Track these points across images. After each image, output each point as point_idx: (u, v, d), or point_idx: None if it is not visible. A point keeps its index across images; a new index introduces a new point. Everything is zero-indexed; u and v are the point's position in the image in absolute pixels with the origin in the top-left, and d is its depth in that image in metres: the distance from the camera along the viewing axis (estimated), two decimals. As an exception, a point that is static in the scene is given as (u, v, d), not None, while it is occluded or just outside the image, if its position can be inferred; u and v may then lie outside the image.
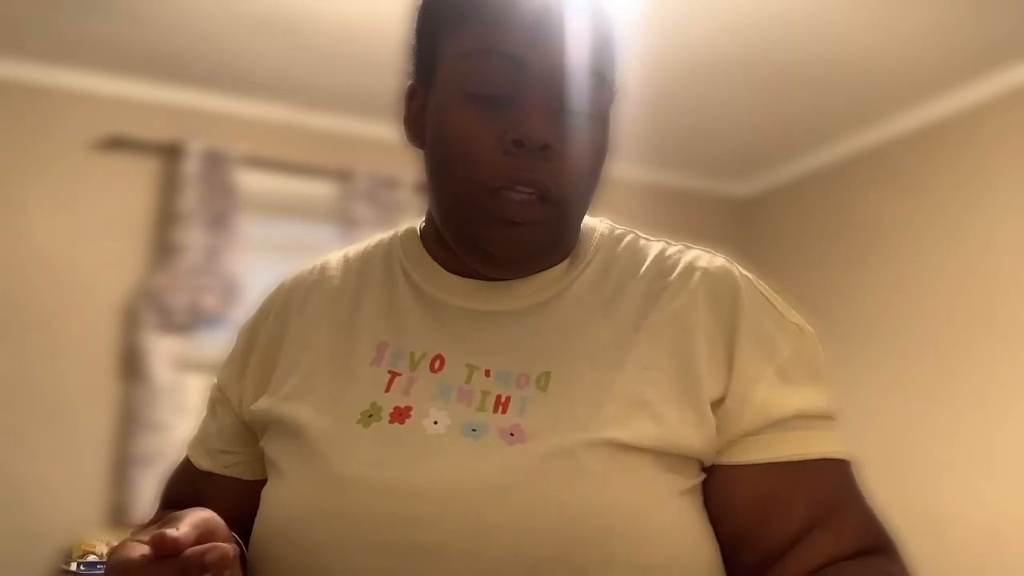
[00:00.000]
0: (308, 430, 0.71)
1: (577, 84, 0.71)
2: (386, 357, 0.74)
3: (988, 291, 2.96)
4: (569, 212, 0.73)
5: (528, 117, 0.69)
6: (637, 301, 0.74)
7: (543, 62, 0.69)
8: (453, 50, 0.72)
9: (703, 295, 0.73)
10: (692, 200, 4.00)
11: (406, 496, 0.65)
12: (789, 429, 0.70)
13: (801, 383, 0.72)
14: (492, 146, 0.69)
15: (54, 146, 3.06)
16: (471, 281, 0.77)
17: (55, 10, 2.68)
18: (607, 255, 0.79)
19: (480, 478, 0.64)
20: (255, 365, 0.81)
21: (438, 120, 0.73)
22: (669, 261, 0.77)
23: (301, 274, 0.86)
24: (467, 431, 0.68)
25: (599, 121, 0.73)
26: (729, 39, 2.76)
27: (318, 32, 2.77)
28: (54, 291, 2.99)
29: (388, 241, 0.85)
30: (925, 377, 3.13)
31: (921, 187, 3.26)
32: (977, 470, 2.90)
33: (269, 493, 0.73)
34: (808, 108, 3.28)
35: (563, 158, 0.70)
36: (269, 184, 3.28)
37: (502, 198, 0.69)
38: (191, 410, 3.05)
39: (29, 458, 2.88)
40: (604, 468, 0.65)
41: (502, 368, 0.71)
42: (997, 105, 3.00)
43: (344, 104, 3.30)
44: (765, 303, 0.75)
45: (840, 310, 3.51)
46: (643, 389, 0.69)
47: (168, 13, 2.69)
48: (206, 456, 0.84)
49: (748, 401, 0.70)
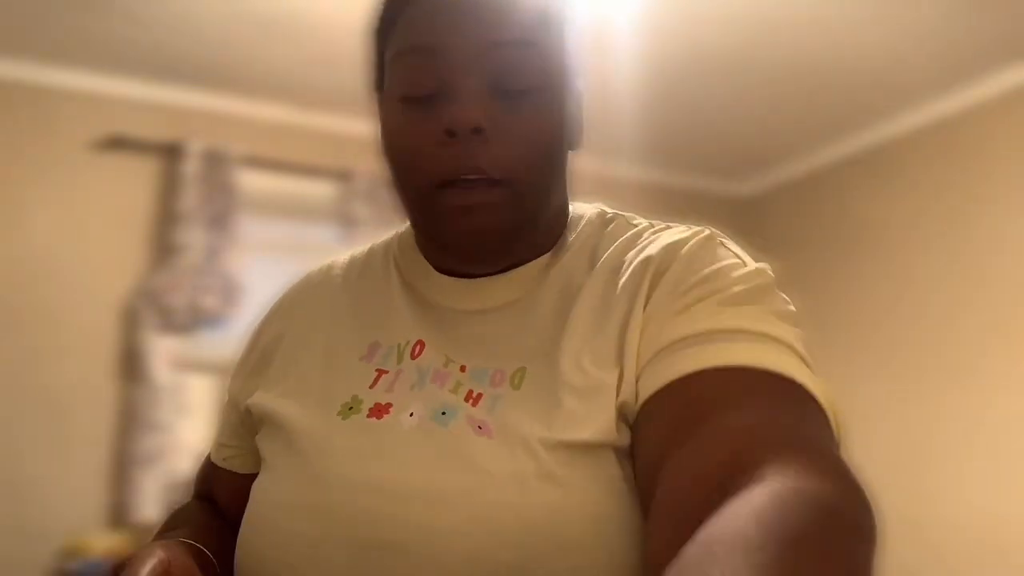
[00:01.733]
0: (292, 425, 0.72)
1: (503, 59, 0.67)
2: (376, 356, 0.75)
3: (988, 291, 2.96)
4: (523, 191, 0.69)
5: (454, 104, 0.67)
6: (599, 286, 0.70)
7: (463, 46, 0.67)
8: (388, 55, 0.72)
9: (658, 256, 0.68)
10: (692, 200, 4.00)
11: (374, 492, 0.64)
12: (688, 346, 0.60)
13: (740, 306, 0.62)
14: (431, 142, 0.67)
15: (54, 146, 3.06)
16: (457, 280, 0.76)
17: (55, 10, 2.68)
18: (589, 241, 0.76)
19: (444, 478, 0.63)
20: (256, 362, 0.83)
21: (384, 129, 0.72)
22: (642, 240, 0.73)
23: (310, 274, 0.88)
24: (437, 415, 0.67)
25: (542, 93, 0.69)
26: (729, 39, 2.76)
27: (318, 32, 2.77)
28: (54, 291, 3.00)
29: (389, 239, 0.86)
30: (925, 376, 3.13)
31: (921, 187, 3.26)
32: (978, 469, 2.90)
33: (257, 486, 0.73)
34: (808, 108, 3.28)
35: (502, 140, 0.67)
36: (269, 184, 3.28)
37: (451, 190, 0.67)
38: (191, 410, 3.06)
39: (29, 458, 2.88)
40: (567, 473, 0.61)
41: (478, 366, 0.70)
42: (997, 105, 3.00)
43: (344, 104, 3.30)
44: (715, 249, 0.69)
45: (840, 309, 3.51)
46: (595, 372, 0.64)
47: (168, 13, 2.69)
48: (215, 449, 0.89)
49: (646, 332, 0.64)
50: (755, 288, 0.64)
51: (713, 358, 0.58)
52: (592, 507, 0.60)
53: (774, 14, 2.62)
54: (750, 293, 0.63)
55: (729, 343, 0.58)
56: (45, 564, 2.77)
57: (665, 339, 0.61)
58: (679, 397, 0.57)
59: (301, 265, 0.93)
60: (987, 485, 2.86)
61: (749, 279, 0.64)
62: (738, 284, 0.64)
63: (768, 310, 0.62)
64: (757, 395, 0.55)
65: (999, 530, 2.79)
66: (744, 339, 0.59)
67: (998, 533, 2.79)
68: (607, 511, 0.60)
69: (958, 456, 2.96)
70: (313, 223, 3.37)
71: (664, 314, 0.63)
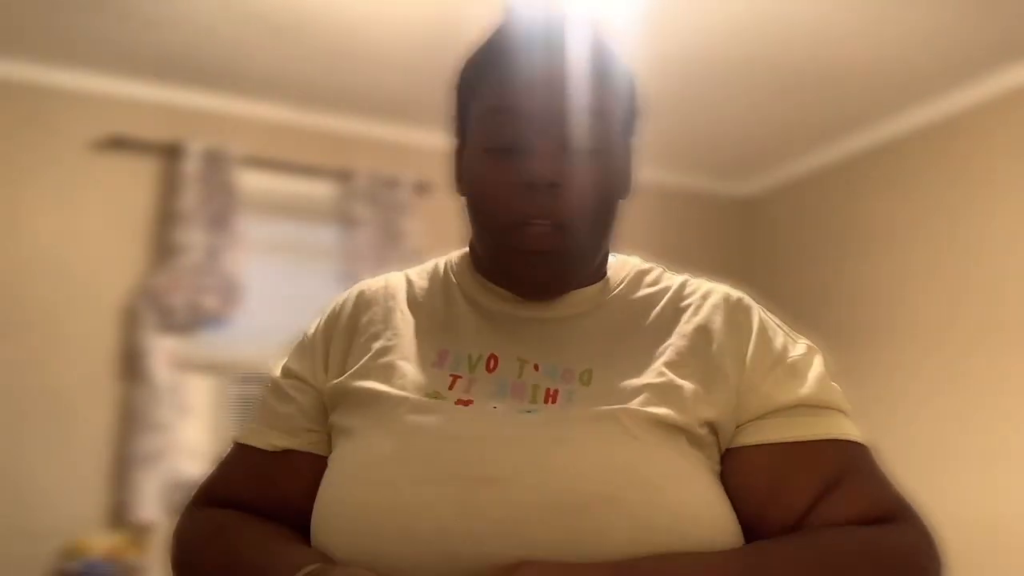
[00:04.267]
0: (383, 397, 0.81)
1: (577, 125, 0.81)
2: (448, 361, 0.85)
3: (988, 290, 2.96)
4: (584, 238, 0.83)
5: (533, 160, 0.80)
6: (666, 318, 0.86)
7: (543, 111, 0.81)
8: (475, 111, 0.86)
9: (723, 311, 0.85)
10: (692, 200, 4.00)
11: (474, 440, 0.75)
12: (797, 414, 0.79)
13: (810, 381, 0.81)
14: (510, 191, 0.81)
15: (54, 146, 3.06)
16: (519, 298, 0.88)
17: (55, 10, 2.68)
18: (637, 280, 0.91)
19: (537, 430, 0.76)
20: (335, 352, 0.89)
21: (469, 174, 0.86)
22: (690, 287, 0.89)
23: (368, 282, 0.96)
24: (522, 412, 0.79)
25: (606, 155, 0.83)
26: (729, 40, 2.76)
27: (318, 32, 2.77)
28: (54, 291, 2.99)
29: (443, 266, 0.96)
30: (925, 376, 3.13)
31: (921, 187, 3.27)
32: (977, 468, 2.90)
33: (340, 452, 0.82)
34: (808, 108, 3.28)
35: (571, 192, 0.81)
36: (269, 184, 3.28)
37: (523, 232, 0.81)
38: (191, 410, 3.06)
39: (29, 458, 2.88)
40: (645, 433, 0.75)
41: (548, 363, 0.83)
42: (997, 105, 3.00)
43: (344, 104, 3.30)
44: (775, 325, 0.87)
45: (839, 309, 3.51)
46: (674, 379, 0.79)
47: (168, 13, 2.69)
48: (285, 436, 0.88)
49: (756, 391, 0.80)
50: (827, 370, 0.84)
51: (825, 428, 0.79)
52: (663, 457, 0.75)
53: (774, 16, 2.62)
54: (824, 374, 0.83)
55: (834, 418, 0.80)
56: (45, 564, 2.77)
57: (772, 403, 0.79)
58: (811, 458, 0.78)
59: (301, 265, 0.95)
60: (985, 485, 2.85)
61: (821, 362, 0.84)
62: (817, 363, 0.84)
63: (837, 389, 0.83)
64: (865, 461, 0.80)
65: (998, 531, 2.79)
66: (837, 415, 0.80)
67: (998, 534, 2.79)
68: (676, 464, 0.75)
69: (958, 456, 2.96)
70: (313, 223, 3.37)
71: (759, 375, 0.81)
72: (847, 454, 0.79)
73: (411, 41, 2.76)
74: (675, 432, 0.76)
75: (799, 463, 0.77)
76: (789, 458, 0.77)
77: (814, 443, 0.78)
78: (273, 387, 0.92)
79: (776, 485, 0.77)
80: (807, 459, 0.77)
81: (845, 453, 0.79)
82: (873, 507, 0.77)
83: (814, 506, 0.76)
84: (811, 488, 0.77)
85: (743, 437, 0.79)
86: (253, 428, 0.91)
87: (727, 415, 0.79)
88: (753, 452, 0.78)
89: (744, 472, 0.78)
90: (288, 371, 0.92)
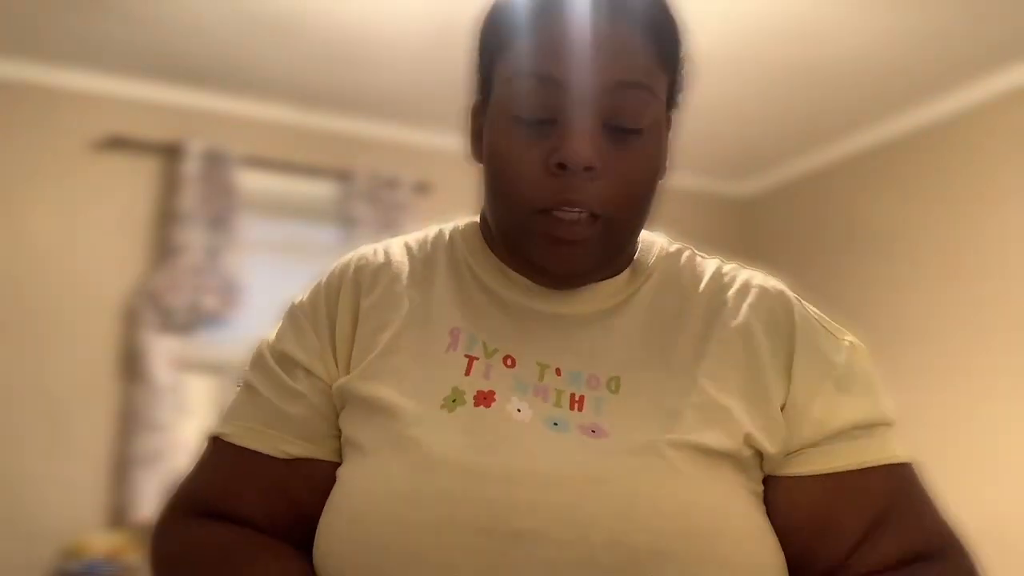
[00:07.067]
0: (395, 411, 0.71)
1: (619, 102, 0.70)
2: (461, 341, 0.75)
3: (988, 291, 2.96)
4: (619, 229, 0.74)
5: (571, 140, 0.69)
6: (700, 315, 0.77)
7: (585, 83, 0.69)
8: (502, 71, 0.73)
9: (762, 311, 0.77)
10: (692, 200, 4.00)
11: (504, 481, 0.66)
12: (845, 440, 0.73)
13: (857, 394, 0.75)
14: (539, 168, 0.70)
15: (54, 146, 3.06)
16: (540, 287, 0.78)
17: (55, 10, 2.68)
18: (667, 269, 0.81)
19: (576, 468, 0.66)
20: (341, 339, 0.77)
21: (490, 140, 0.74)
22: (726, 278, 0.80)
23: (365, 255, 0.83)
24: (549, 424, 0.70)
25: (648, 135, 0.73)
26: (729, 39, 2.76)
27: (318, 32, 2.77)
28: (54, 291, 2.99)
29: (448, 234, 0.84)
30: (925, 376, 3.13)
31: (921, 187, 3.27)
32: (978, 469, 2.90)
33: (351, 473, 0.71)
34: (808, 108, 3.28)
35: (609, 178, 0.70)
36: (269, 184, 3.28)
37: (551, 217, 0.70)
38: (191, 410, 3.06)
39: (29, 458, 2.88)
40: (693, 469, 0.68)
41: (572, 368, 0.74)
42: (996, 106, 3.00)
43: (344, 104, 3.30)
44: (816, 322, 0.79)
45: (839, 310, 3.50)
46: (718, 397, 0.72)
47: (168, 13, 2.69)
48: (301, 443, 0.75)
49: (806, 414, 0.73)
50: (872, 368, 0.80)
51: (876, 453, 0.74)
52: (714, 500, 0.68)
53: (774, 15, 2.62)
54: (870, 377, 0.79)
55: (882, 438, 0.75)
56: (45, 564, 2.77)
57: (823, 431, 0.73)
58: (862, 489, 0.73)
59: (301, 265, 0.88)
60: (985, 485, 2.85)
61: (866, 360, 0.80)
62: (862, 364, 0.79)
63: (883, 392, 0.79)
64: (914, 489, 0.76)
65: (998, 531, 2.79)
66: (885, 432, 0.76)
67: (998, 534, 2.79)
68: (727, 506, 0.68)
69: (958, 456, 2.96)
70: (313, 223, 3.37)
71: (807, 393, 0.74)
72: (895, 481, 0.75)
73: (411, 41, 2.76)
74: (721, 460, 0.70)
75: (848, 495, 0.73)
76: (839, 490, 0.72)
77: (862, 472, 0.73)
78: (269, 376, 0.78)
79: (824, 521, 0.72)
80: (856, 491, 0.73)
81: (893, 480, 0.74)
82: (920, 542, 0.74)
83: (862, 541, 0.72)
84: (861, 523, 0.72)
85: (791, 467, 0.73)
86: (253, 429, 0.76)
87: (773, 436, 0.72)
88: (802, 483, 0.73)
89: (792, 503, 0.73)
90: (289, 358, 0.77)
